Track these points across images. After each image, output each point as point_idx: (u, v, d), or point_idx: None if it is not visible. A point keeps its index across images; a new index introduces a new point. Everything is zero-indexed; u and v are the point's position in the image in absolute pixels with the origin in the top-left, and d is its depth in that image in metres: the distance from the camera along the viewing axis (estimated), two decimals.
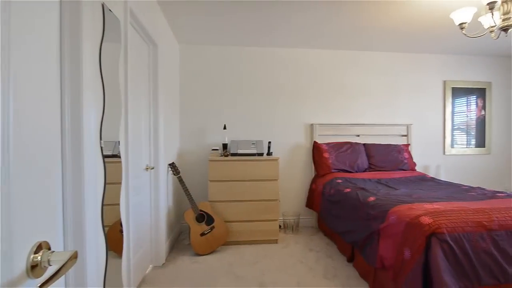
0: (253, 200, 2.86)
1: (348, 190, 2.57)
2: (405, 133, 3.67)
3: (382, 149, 3.42)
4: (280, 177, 3.50)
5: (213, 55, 3.44)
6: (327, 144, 3.39)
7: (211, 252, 2.66)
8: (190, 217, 2.65)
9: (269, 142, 3.17)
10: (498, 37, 2.00)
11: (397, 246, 1.68)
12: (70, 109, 0.89)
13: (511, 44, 3.43)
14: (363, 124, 3.61)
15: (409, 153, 3.47)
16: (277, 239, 2.93)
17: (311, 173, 3.55)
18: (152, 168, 2.31)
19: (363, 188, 2.56)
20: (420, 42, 3.33)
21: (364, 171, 3.29)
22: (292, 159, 3.55)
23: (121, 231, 1.67)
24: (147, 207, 2.28)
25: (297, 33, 3.04)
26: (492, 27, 1.99)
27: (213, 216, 2.70)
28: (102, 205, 1.13)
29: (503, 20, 1.85)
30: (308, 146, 3.57)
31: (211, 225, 2.67)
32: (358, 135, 3.61)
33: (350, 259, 2.42)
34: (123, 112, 1.68)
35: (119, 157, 1.64)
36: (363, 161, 3.31)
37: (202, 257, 2.57)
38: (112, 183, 1.52)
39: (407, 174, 3.18)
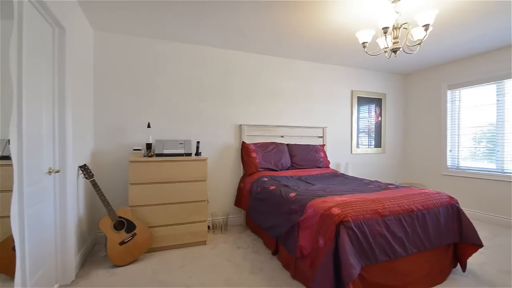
0: (180, 202, 2.76)
1: (273, 187, 2.74)
2: (321, 135, 4.12)
3: (302, 149, 3.75)
4: (209, 177, 3.48)
5: (135, 46, 3.16)
6: (255, 144, 3.54)
7: (133, 261, 2.45)
8: (106, 225, 2.39)
9: (198, 142, 3.11)
10: (390, 56, 2.45)
11: (313, 236, 1.88)
12: None
13: (400, 63, 4.23)
14: (287, 126, 3.89)
15: (324, 152, 3.91)
16: (205, 240, 2.89)
17: (240, 172, 3.63)
18: (57, 172, 1.99)
19: (286, 185, 2.76)
20: (333, 55, 3.79)
21: (288, 169, 3.55)
22: (221, 159, 3.57)
23: (14, 248, 1.39)
24: (51, 218, 1.95)
25: (222, 33, 3.04)
26: (385, 48, 2.41)
27: (135, 222, 2.49)
28: None
29: (393, 43, 2.28)
30: (237, 146, 3.64)
31: (132, 232, 2.46)
32: (282, 136, 3.87)
33: (275, 252, 2.58)
34: (16, 104, 1.40)
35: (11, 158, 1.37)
36: (286, 160, 3.57)
37: (121, 268, 2.34)
38: (1, 191, 1.26)
39: (323, 171, 3.57)
